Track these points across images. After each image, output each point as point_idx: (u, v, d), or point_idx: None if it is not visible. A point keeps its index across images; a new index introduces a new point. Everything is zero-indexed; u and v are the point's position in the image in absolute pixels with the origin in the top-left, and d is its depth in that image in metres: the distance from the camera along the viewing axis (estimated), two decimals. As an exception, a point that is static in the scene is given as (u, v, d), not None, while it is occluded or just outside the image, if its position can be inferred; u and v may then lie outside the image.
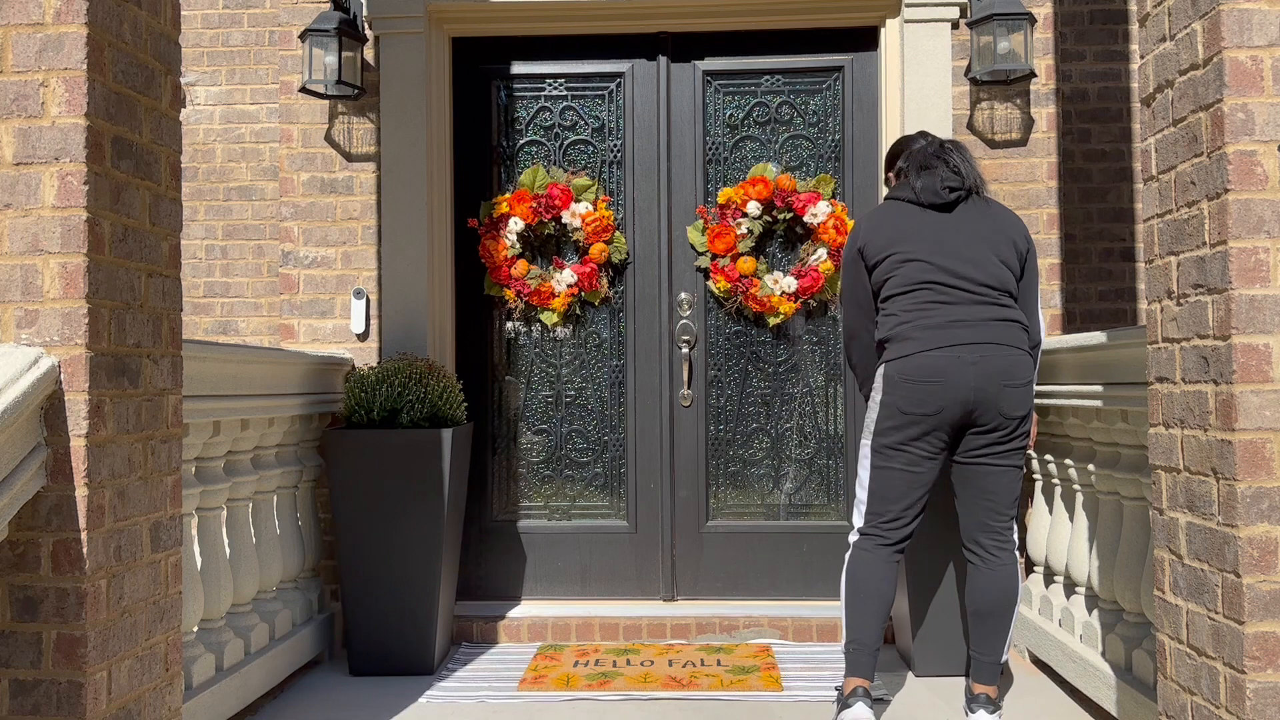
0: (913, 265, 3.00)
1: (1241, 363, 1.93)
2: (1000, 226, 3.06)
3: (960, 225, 3.03)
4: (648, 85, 4.29)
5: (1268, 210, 1.94)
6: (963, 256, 2.98)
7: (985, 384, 2.90)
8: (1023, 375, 2.94)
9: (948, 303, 2.96)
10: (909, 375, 2.94)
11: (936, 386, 2.90)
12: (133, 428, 2.12)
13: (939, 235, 3.02)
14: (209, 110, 5.31)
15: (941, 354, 2.92)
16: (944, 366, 2.90)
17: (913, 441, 2.96)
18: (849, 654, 3.00)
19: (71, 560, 1.95)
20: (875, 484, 3.02)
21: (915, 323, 2.97)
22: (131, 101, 2.14)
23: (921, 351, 2.94)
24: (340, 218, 4.11)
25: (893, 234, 3.05)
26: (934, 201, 3.05)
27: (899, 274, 3.02)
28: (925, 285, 2.98)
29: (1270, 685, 1.90)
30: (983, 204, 3.10)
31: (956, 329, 2.93)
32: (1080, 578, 3.29)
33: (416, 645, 3.62)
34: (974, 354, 2.90)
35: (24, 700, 1.95)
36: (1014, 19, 3.80)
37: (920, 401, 2.92)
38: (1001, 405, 2.91)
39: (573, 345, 4.30)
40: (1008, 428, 2.95)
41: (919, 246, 3.01)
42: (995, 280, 2.99)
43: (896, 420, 2.97)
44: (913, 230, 3.04)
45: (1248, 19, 1.95)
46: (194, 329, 5.23)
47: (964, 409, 2.91)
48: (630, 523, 4.25)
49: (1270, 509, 1.91)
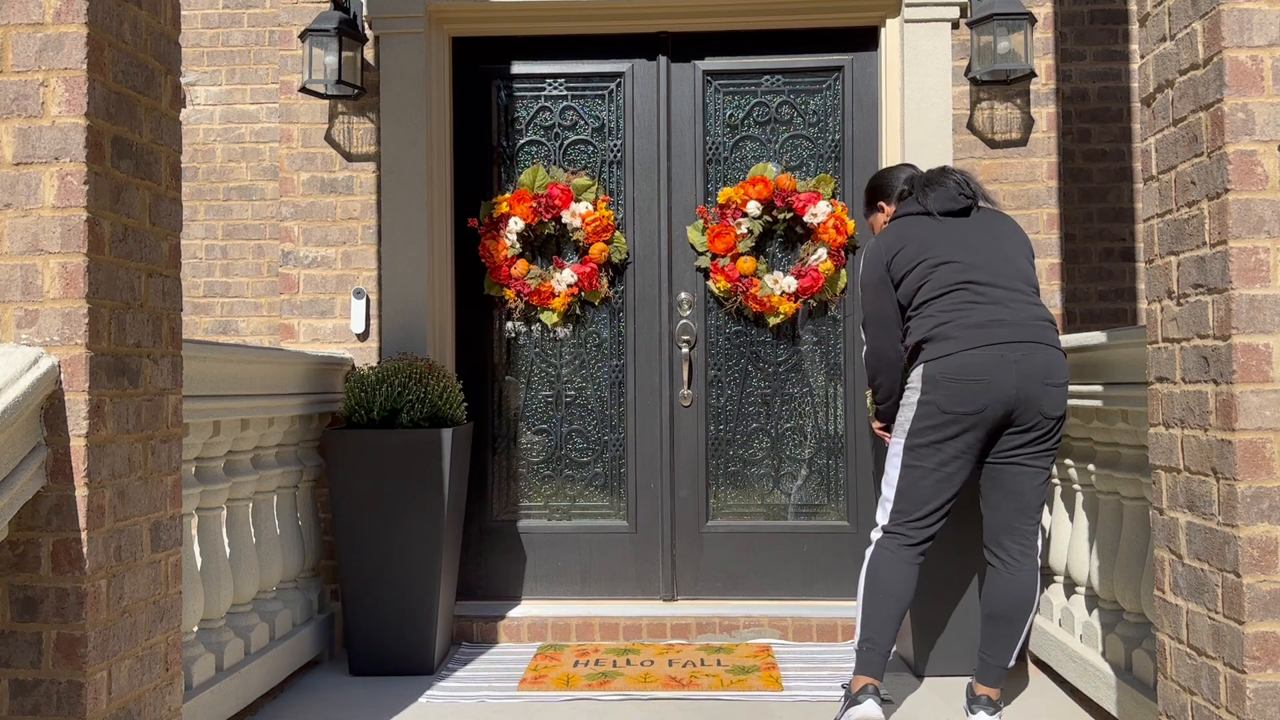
0: (946, 268, 2.98)
1: (1241, 363, 1.93)
2: (1014, 230, 3.09)
3: (981, 229, 3.05)
4: (648, 85, 4.28)
5: (1268, 210, 1.94)
6: (992, 257, 2.99)
7: (1026, 383, 2.88)
8: (1062, 374, 2.93)
9: (986, 303, 2.94)
10: (951, 374, 2.90)
11: (980, 385, 2.88)
12: (133, 428, 2.12)
13: (965, 239, 3.02)
14: (209, 110, 5.31)
15: (984, 352, 2.89)
16: (988, 365, 2.88)
17: (948, 441, 2.93)
18: (861, 652, 2.98)
19: (71, 560, 1.95)
20: (904, 483, 2.99)
21: (955, 322, 2.94)
22: (131, 101, 2.14)
23: (963, 350, 2.91)
24: (340, 218, 4.11)
25: (918, 244, 3.04)
26: (950, 208, 3.06)
27: (933, 278, 3.00)
28: (962, 286, 2.96)
29: (1270, 685, 1.90)
30: (990, 211, 3.12)
31: (997, 328, 2.91)
32: (1080, 578, 3.29)
33: (416, 645, 3.62)
34: (1016, 352, 2.89)
35: (24, 700, 1.95)
36: (1014, 19, 3.80)
37: (962, 400, 2.89)
38: (1043, 405, 2.90)
39: (573, 345, 4.30)
40: (1045, 428, 2.93)
41: (948, 250, 3.00)
42: (1025, 279, 3.00)
43: (935, 419, 2.93)
44: (938, 237, 3.03)
45: (1248, 19, 1.95)
46: (194, 329, 5.23)
47: (1005, 408, 2.89)
48: (630, 523, 4.25)
49: (1270, 509, 1.91)
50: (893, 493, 3.02)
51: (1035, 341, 2.91)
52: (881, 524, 3.05)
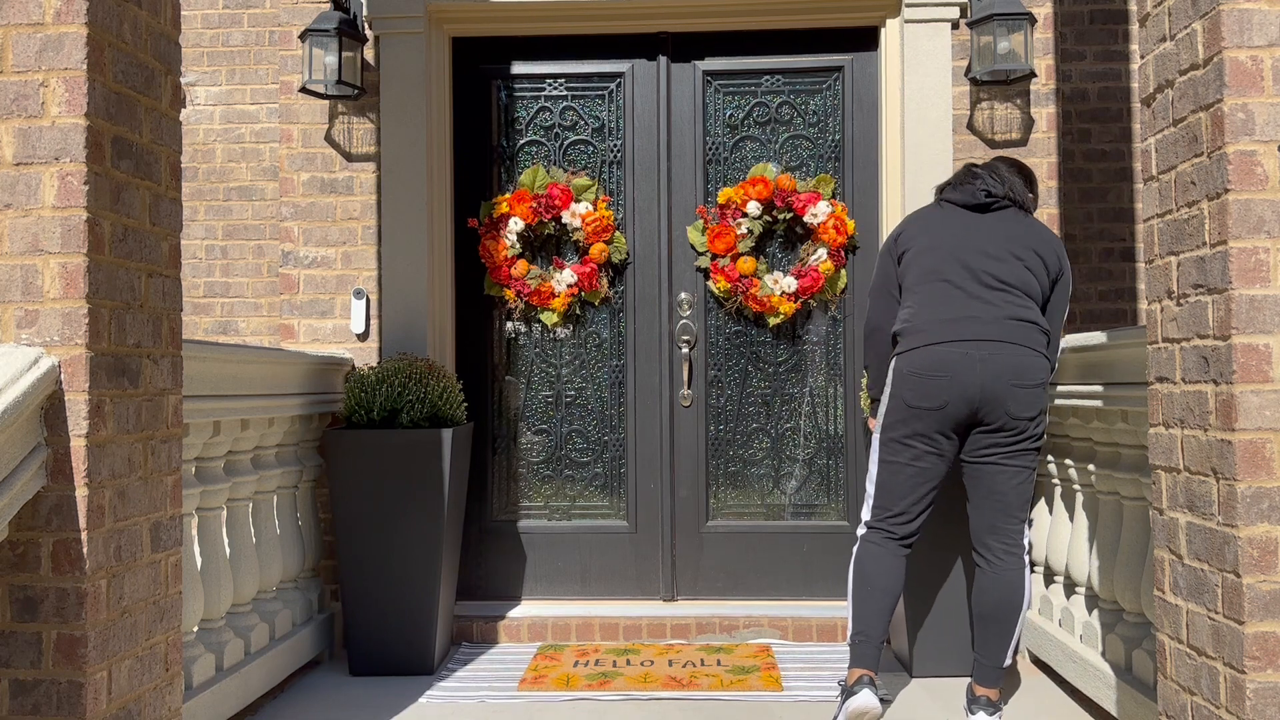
0: (933, 255, 3.03)
1: (1241, 363, 1.93)
2: (1036, 238, 3.05)
3: (992, 227, 3.05)
4: (648, 85, 4.28)
5: (1268, 210, 1.94)
6: (987, 253, 2.99)
7: (992, 382, 2.89)
8: (1033, 376, 2.92)
9: (964, 297, 2.96)
10: (915, 369, 2.95)
11: (942, 381, 2.90)
12: (133, 428, 2.12)
13: (966, 232, 3.04)
14: (209, 110, 5.31)
15: (949, 349, 2.91)
16: (950, 362, 2.90)
17: (917, 436, 2.96)
18: (854, 645, 3.01)
19: (71, 560, 1.95)
20: (882, 478, 3.05)
21: (927, 315, 2.98)
22: (131, 101, 2.14)
23: (928, 345, 2.94)
24: (340, 218, 4.11)
25: (924, 231, 3.10)
26: (968, 202, 3.09)
27: (919, 265, 3.04)
28: (944, 278, 3.00)
29: (1270, 685, 1.90)
30: (1023, 215, 3.10)
31: (969, 324, 2.92)
32: (1080, 578, 3.29)
33: (416, 645, 3.62)
34: (983, 350, 2.90)
35: (24, 700, 1.95)
36: (1014, 19, 3.80)
37: (924, 395, 2.93)
38: (1009, 405, 2.90)
39: (573, 345, 4.30)
40: (1015, 428, 2.93)
41: (944, 240, 3.05)
42: (1017, 281, 2.98)
43: (902, 414, 2.98)
44: (942, 226, 3.09)
45: (1248, 19, 1.95)
46: (194, 329, 5.23)
47: (969, 406, 2.91)
48: (630, 523, 4.25)
49: (1270, 509, 1.91)
50: (873, 488, 3.08)
51: (1006, 341, 2.91)
52: (865, 519, 3.10)
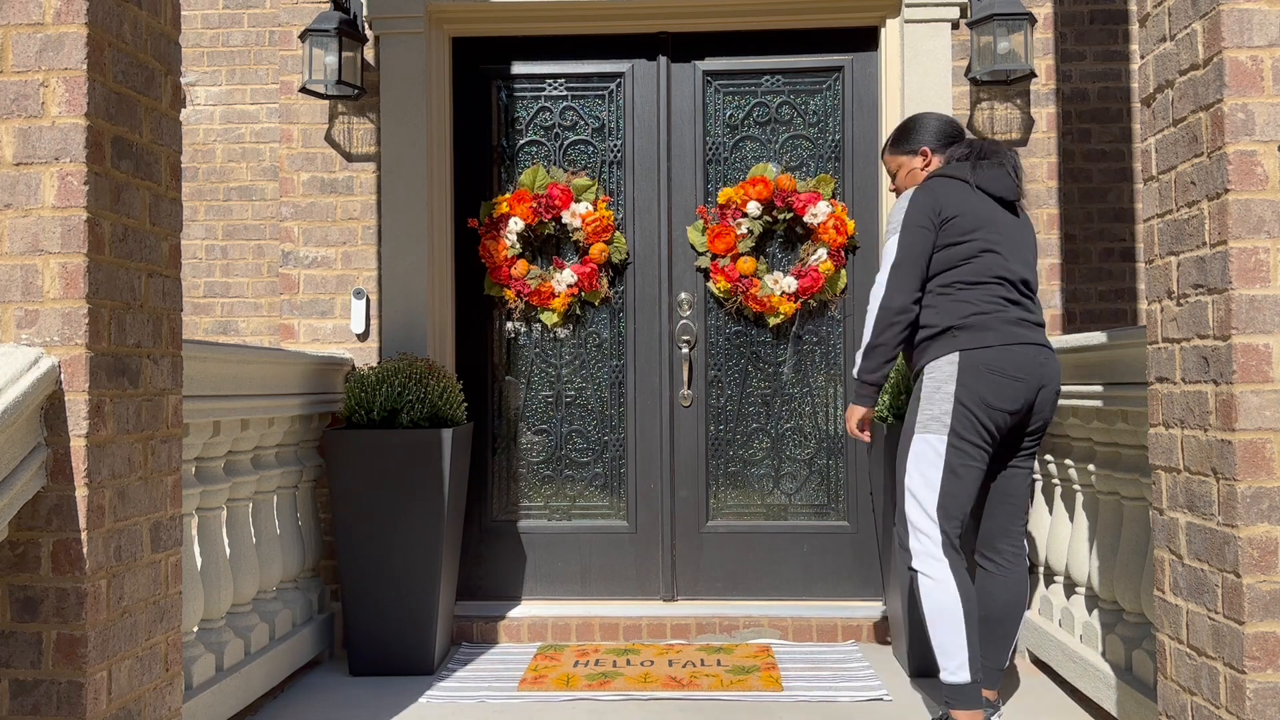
0: (992, 257, 2.87)
1: (1241, 363, 1.93)
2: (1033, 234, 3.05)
3: (1022, 227, 2.99)
4: (648, 85, 4.28)
5: (1268, 210, 1.94)
6: (1024, 259, 2.95)
7: (1046, 385, 2.88)
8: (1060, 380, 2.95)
9: (1016, 302, 2.89)
10: (997, 367, 2.80)
11: (1022, 384, 2.83)
12: (133, 428, 2.12)
13: (1011, 233, 2.92)
14: (209, 110, 5.31)
15: (1024, 350, 2.84)
16: (1026, 363, 2.83)
17: (988, 438, 2.82)
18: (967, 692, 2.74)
19: (71, 560, 1.95)
20: (949, 483, 2.79)
21: (994, 314, 2.84)
22: (131, 101, 2.14)
23: (1005, 345, 2.82)
24: (340, 218, 4.11)
25: (975, 220, 2.88)
26: (1004, 195, 2.93)
27: (976, 262, 2.87)
28: (1000, 281, 2.87)
29: (1270, 685, 1.90)
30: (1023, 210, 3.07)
31: (1024, 329, 2.87)
32: (1080, 578, 3.29)
33: (416, 645, 3.62)
34: (1042, 355, 2.87)
35: (24, 700, 1.95)
36: (1014, 19, 3.80)
37: (1009, 397, 2.81)
38: (1047, 409, 2.91)
39: (573, 345, 4.30)
40: (1041, 431, 2.95)
41: (999, 239, 2.88)
42: (1035, 287, 2.98)
43: (981, 414, 2.80)
44: (992, 220, 2.89)
45: (1248, 19, 1.95)
46: (194, 329, 5.23)
47: (1029, 409, 2.88)
48: (630, 523, 4.25)
49: (1270, 509, 1.91)
50: (935, 495, 2.79)
51: (1049, 347, 2.92)
52: (929, 534, 2.80)
